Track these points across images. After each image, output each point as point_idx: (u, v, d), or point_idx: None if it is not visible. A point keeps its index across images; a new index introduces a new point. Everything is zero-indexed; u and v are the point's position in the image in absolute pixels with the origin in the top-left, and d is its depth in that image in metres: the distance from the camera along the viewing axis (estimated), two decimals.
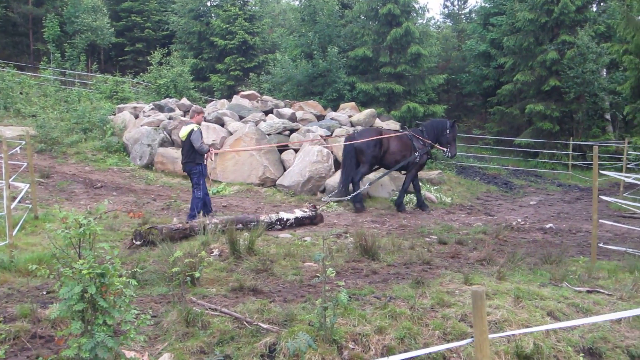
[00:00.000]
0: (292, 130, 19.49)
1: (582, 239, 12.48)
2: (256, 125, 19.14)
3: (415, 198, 16.35)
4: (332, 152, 17.80)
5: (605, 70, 31.40)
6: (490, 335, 4.80)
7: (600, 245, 10.64)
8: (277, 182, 17.68)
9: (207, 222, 11.01)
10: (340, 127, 19.86)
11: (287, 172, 17.71)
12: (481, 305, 4.09)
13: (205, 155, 12.62)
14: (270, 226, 11.88)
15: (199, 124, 13.04)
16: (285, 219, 12.33)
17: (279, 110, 21.25)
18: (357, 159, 15.60)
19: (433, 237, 11.84)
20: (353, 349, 5.85)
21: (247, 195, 16.65)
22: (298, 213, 12.72)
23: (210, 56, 37.35)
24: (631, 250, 10.35)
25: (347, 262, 9.30)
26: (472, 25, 40.88)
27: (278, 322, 6.24)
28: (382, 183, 17.49)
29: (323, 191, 17.00)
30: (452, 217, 15.13)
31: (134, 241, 10.10)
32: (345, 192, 15.64)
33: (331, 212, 15.03)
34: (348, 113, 22.55)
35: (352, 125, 20.99)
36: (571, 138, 28.57)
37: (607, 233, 13.37)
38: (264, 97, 24.21)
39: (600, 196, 11.16)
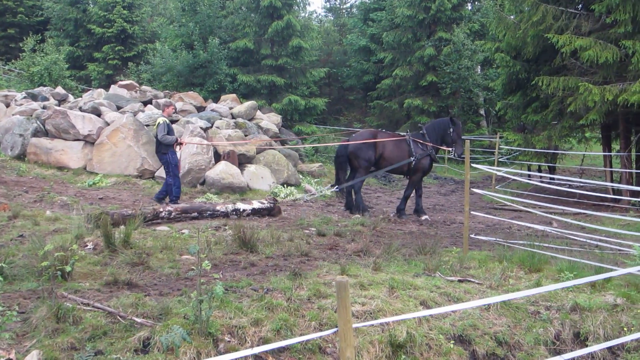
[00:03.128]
0: (172, 122, 19.07)
1: (456, 230, 12.91)
2: (134, 115, 18.63)
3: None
4: (211, 145, 17.59)
5: (479, 67, 32.62)
6: (360, 324, 4.86)
7: (472, 236, 11.02)
8: (155, 174, 17.30)
9: (161, 209, 11.71)
10: (220, 119, 19.65)
11: None
12: (345, 295, 4.12)
13: (174, 144, 13.77)
14: (226, 216, 12.31)
15: (170, 116, 14.68)
16: (242, 210, 12.68)
17: (158, 100, 20.79)
18: (350, 164, 14.83)
19: (312, 229, 11.91)
20: (229, 341, 5.83)
21: (124, 188, 16.23)
22: (256, 204, 13.04)
23: (88, 44, 36.12)
24: (501, 240, 10.78)
25: (225, 254, 9.21)
26: (353, 20, 41.57)
27: (153, 316, 6.12)
28: (262, 175, 17.46)
29: (203, 183, 16.78)
30: (331, 210, 15.28)
31: (86, 226, 10.17)
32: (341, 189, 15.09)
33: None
34: (229, 105, 22.41)
35: (233, 117, 20.84)
36: None
37: (479, 224, 13.89)
38: (143, 87, 23.69)
39: (472, 189, 11.60)
